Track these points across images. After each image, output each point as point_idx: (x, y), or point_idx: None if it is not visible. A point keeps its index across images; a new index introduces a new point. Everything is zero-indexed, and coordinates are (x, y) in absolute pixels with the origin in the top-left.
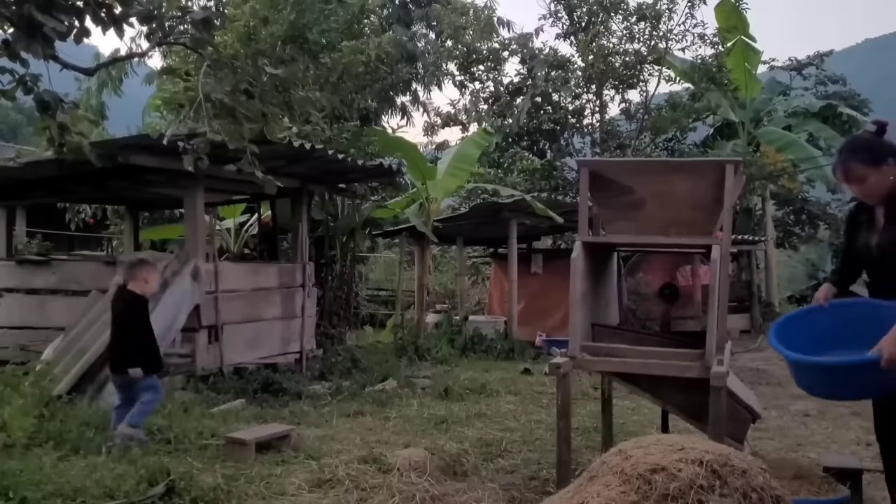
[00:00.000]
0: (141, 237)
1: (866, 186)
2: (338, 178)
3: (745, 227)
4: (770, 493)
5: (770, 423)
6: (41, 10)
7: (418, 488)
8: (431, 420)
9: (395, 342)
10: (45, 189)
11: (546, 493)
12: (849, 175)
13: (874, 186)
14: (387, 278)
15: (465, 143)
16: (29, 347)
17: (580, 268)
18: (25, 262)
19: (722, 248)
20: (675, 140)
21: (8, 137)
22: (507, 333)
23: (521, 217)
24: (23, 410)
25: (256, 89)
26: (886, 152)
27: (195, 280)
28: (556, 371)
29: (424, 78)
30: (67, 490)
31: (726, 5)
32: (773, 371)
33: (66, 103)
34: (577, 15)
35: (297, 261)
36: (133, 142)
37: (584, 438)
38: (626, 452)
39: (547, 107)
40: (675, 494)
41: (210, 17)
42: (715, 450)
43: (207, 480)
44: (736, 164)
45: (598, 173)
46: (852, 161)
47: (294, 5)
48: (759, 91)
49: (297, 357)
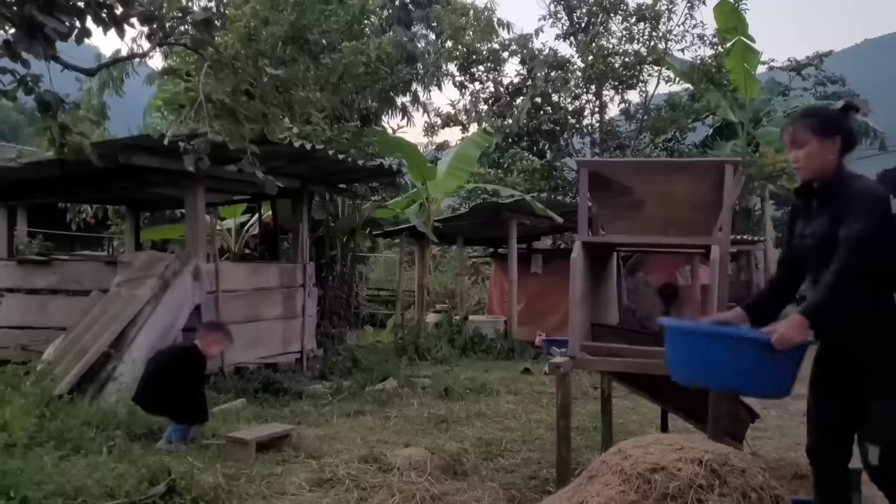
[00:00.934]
0: (142, 237)
1: (803, 155)
2: (338, 179)
3: (744, 227)
4: (769, 492)
5: (769, 422)
6: (42, 10)
7: (418, 488)
8: (431, 420)
9: (396, 342)
10: (46, 189)
11: (546, 492)
12: (792, 137)
13: (810, 158)
14: (387, 278)
15: (465, 144)
16: (30, 347)
17: (580, 268)
18: (26, 262)
19: (721, 248)
20: (675, 140)
21: (9, 138)
22: (507, 333)
23: (521, 217)
24: (24, 410)
25: (257, 90)
26: (837, 128)
27: (196, 280)
28: (556, 371)
29: (424, 78)
30: (68, 490)
31: (725, 6)
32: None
33: (67, 104)
34: (577, 15)
35: (298, 261)
36: (134, 142)
37: (584, 438)
38: (626, 452)
39: (547, 107)
40: (675, 494)
41: (211, 17)
42: (714, 449)
43: (208, 480)
44: (735, 164)
45: (598, 173)
46: (800, 123)
47: (294, 6)
48: (759, 91)
49: (298, 357)
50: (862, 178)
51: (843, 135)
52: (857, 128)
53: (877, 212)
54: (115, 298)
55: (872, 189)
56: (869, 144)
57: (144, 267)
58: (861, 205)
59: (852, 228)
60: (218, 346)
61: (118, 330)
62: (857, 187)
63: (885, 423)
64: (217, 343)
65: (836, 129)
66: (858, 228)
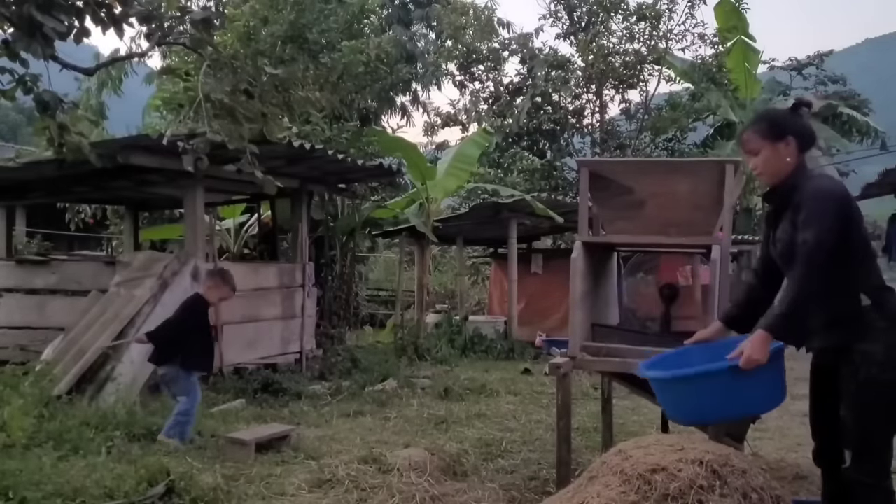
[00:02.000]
0: (141, 237)
1: (760, 162)
2: (338, 178)
3: (745, 226)
4: (770, 492)
5: (770, 423)
6: (41, 9)
7: (418, 488)
8: (431, 420)
9: (395, 342)
10: (44, 189)
11: (546, 493)
12: (744, 145)
13: (768, 163)
14: (387, 278)
15: (465, 143)
16: (29, 347)
17: (580, 268)
18: (25, 262)
19: (722, 248)
20: (675, 140)
21: (7, 137)
22: (507, 333)
23: (521, 217)
24: (23, 410)
25: (256, 89)
26: (788, 129)
27: (195, 280)
28: (556, 371)
29: (424, 78)
30: (67, 490)
31: (726, 5)
32: None
33: (65, 103)
34: (577, 15)
35: (297, 261)
36: (133, 142)
37: (584, 438)
38: (626, 453)
39: (547, 107)
40: (675, 494)
41: (210, 17)
42: (715, 450)
43: (207, 480)
44: (736, 164)
45: (598, 173)
46: (750, 130)
47: (294, 5)
48: (759, 91)
49: (297, 357)
50: (815, 179)
51: (796, 134)
52: (810, 123)
53: (831, 213)
54: (114, 298)
55: (824, 189)
56: (870, 144)
57: (143, 267)
58: (812, 209)
59: (804, 236)
60: (216, 291)
61: (117, 330)
62: (810, 190)
63: (853, 430)
64: (215, 289)
65: (786, 129)
66: (810, 236)
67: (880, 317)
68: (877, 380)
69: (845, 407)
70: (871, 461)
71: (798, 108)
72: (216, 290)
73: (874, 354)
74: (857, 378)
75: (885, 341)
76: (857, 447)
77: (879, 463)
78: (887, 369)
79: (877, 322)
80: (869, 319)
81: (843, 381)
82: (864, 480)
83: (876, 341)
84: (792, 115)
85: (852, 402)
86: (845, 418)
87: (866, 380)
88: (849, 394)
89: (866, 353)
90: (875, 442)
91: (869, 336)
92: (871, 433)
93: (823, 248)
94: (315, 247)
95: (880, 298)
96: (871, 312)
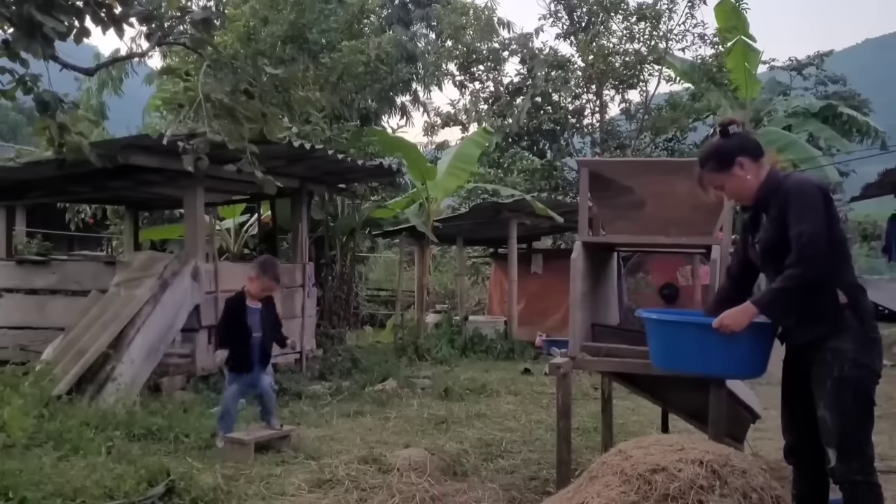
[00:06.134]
0: (141, 237)
1: (729, 192)
2: (338, 178)
3: None
4: (770, 493)
5: (770, 423)
6: (41, 10)
7: (418, 488)
8: (431, 420)
9: (395, 342)
10: (44, 189)
11: (546, 493)
12: (707, 187)
13: (736, 190)
14: (387, 278)
15: (464, 143)
16: (29, 347)
17: (580, 268)
18: (25, 262)
19: (722, 248)
20: (676, 140)
21: (7, 137)
22: (507, 333)
23: (521, 217)
24: (22, 410)
25: (256, 89)
26: (732, 153)
27: (195, 280)
28: (556, 371)
29: (424, 78)
30: (67, 490)
31: (726, 5)
32: (774, 371)
33: (65, 103)
34: (577, 15)
35: (297, 261)
36: (133, 142)
37: (584, 438)
38: (627, 453)
39: (547, 107)
40: (676, 495)
41: (210, 17)
42: (715, 450)
43: (207, 480)
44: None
45: (598, 173)
46: (703, 174)
47: (294, 5)
48: (759, 91)
49: (297, 357)
50: (792, 177)
51: (742, 152)
52: (748, 132)
53: (819, 203)
54: (114, 299)
55: (807, 183)
56: (870, 144)
57: (143, 267)
58: (801, 202)
59: (799, 228)
60: (256, 283)
61: (117, 330)
62: (792, 187)
63: (833, 430)
64: (255, 280)
65: (732, 154)
66: (806, 226)
67: (853, 315)
68: (849, 377)
69: (823, 407)
70: (856, 458)
71: (727, 131)
72: (256, 281)
73: (845, 352)
74: (832, 377)
75: (855, 339)
76: (839, 446)
77: (864, 459)
78: (858, 365)
79: (850, 320)
80: (844, 317)
81: (818, 382)
82: (853, 478)
83: (847, 340)
84: (728, 139)
85: (829, 402)
86: (824, 418)
87: (840, 378)
88: (824, 394)
89: (837, 350)
90: (856, 439)
91: (842, 334)
92: (851, 430)
93: (822, 234)
94: (315, 247)
95: (855, 297)
96: (846, 310)
